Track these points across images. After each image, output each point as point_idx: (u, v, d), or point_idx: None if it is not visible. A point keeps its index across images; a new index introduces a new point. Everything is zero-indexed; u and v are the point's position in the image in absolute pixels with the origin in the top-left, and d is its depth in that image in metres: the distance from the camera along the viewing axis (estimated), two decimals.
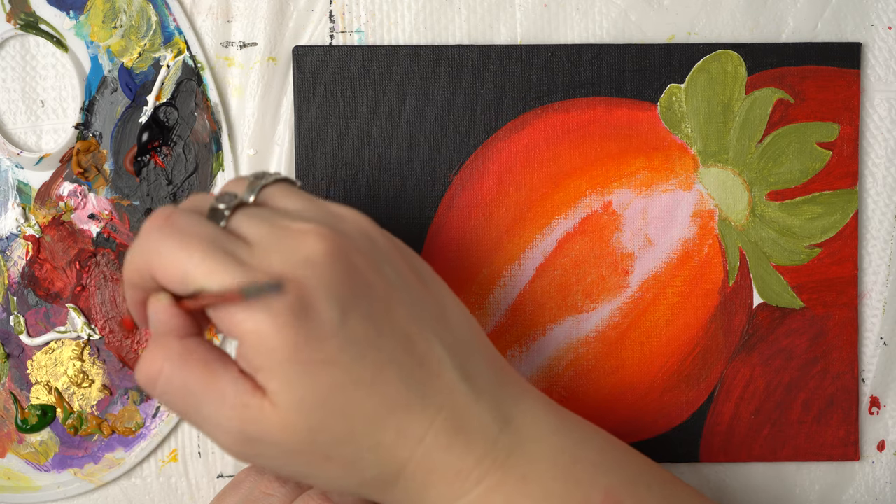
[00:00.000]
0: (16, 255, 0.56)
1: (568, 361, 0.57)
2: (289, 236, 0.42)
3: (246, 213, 0.43)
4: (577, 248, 0.56)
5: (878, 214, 0.58)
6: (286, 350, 0.41)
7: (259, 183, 0.44)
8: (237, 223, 0.43)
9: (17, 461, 0.57)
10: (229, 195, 0.44)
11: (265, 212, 0.43)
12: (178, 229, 0.42)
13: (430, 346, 0.44)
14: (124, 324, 0.56)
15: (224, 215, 0.43)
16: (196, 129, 0.56)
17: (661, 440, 0.57)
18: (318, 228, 0.42)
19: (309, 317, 0.41)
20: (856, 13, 0.57)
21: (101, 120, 0.56)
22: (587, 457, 0.45)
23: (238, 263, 0.41)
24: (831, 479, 0.58)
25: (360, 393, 0.42)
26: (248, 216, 0.43)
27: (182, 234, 0.41)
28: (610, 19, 0.57)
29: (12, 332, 0.56)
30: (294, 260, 0.41)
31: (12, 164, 0.56)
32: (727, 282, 0.57)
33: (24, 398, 0.56)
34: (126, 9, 0.56)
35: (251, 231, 0.42)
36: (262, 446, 0.42)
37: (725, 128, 0.56)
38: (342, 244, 0.42)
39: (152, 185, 0.56)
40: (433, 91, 0.56)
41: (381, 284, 0.43)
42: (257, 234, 0.42)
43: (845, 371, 0.57)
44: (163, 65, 0.56)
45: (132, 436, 0.57)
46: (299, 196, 0.45)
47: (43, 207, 0.56)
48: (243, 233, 0.42)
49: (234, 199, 0.43)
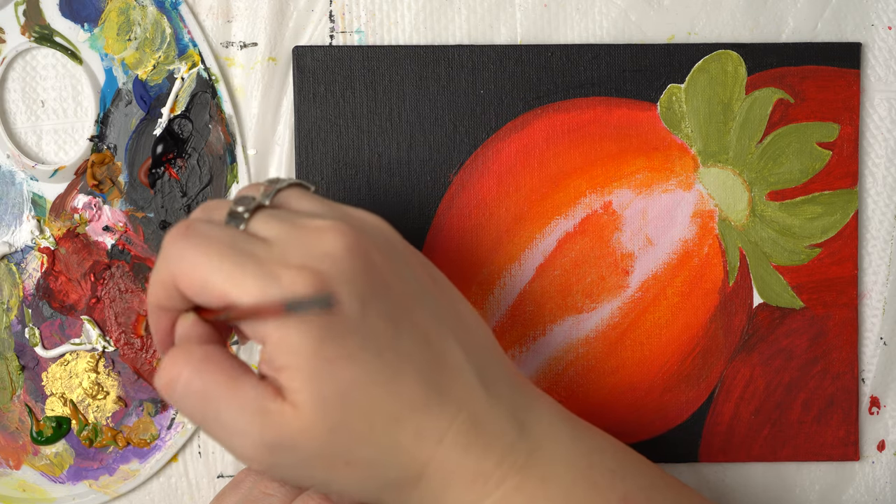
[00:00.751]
0: (31, 267, 0.56)
1: (568, 361, 0.57)
2: (308, 233, 0.42)
3: (264, 215, 0.43)
4: (577, 248, 0.57)
5: (878, 214, 0.57)
6: (311, 346, 0.41)
7: (274, 187, 0.45)
8: (256, 225, 0.43)
9: (32, 473, 0.57)
10: (247, 198, 0.44)
11: (283, 212, 0.44)
12: (197, 235, 0.42)
13: (449, 348, 0.44)
14: (136, 329, 0.56)
15: (243, 218, 0.43)
16: (210, 142, 0.56)
17: (661, 440, 0.57)
18: (337, 224, 0.42)
19: (331, 310, 0.41)
20: (856, 13, 0.57)
21: (116, 132, 0.56)
22: (603, 462, 0.45)
23: (257, 262, 0.41)
24: (831, 479, 0.58)
25: (379, 391, 0.42)
26: (266, 217, 0.43)
27: (202, 239, 0.42)
28: (610, 19, 0.57)
29: (27, 344, 0.56)
30: (314, 254, 0.41)
31: (27, 177, 0.56)
32: (727, 282, 0.57)
33: (40, 410, 0.57)
34: (140, 21, 0.56)
35: (270, 231, 0.42)
36: (282, 452, 0.42)
37: (725, 128, 0.56)
38: (361, 241, 0.42)
39: (167, 198, 0.56)
40: (433, 91, 0.56)
41: (398, 284, 0.43)
42: (276, 232, 0.42)
43: (845, 371, 0.57)
44: (177, 77, 0.56)
45: (147, 447, 0.57)
46: (315, 198, 0.45)
47: (58, 220, 0.56)
48: (262, 234, 0.43)
49: (252, 202, 0.43)
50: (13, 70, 0.56)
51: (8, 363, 0.56)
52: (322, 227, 0.42)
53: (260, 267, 0.41)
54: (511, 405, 0.45)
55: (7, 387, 0.56)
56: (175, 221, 0.56)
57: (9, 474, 0.56)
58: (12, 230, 0.56)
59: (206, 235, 0.42)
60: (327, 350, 0.41)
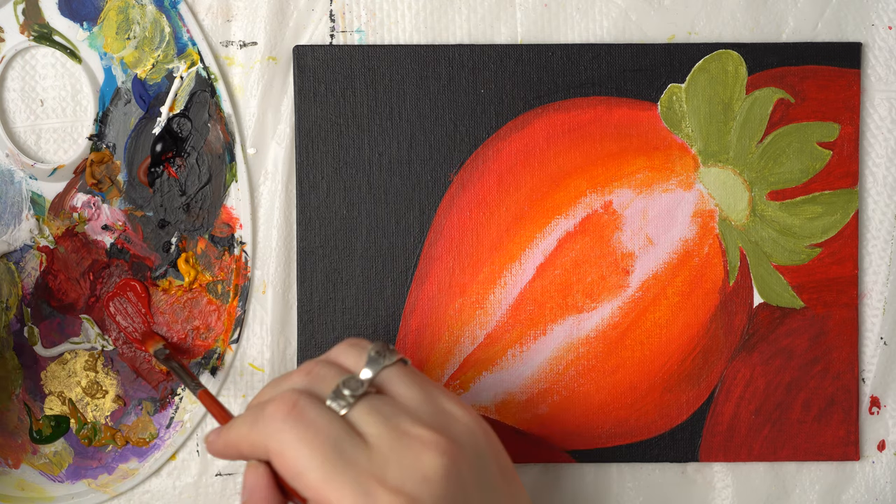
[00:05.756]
0: (30, 266, 0.56)
1: (568, 361, 0.57)
2: (409, 445, 0.43)
3: (367, 405, 0.45)
4: (577, 247, 0.56)
5: (878, 214, 0.58)
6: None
7: (380, 364, 0.46)
8: (358, 416, 0.44)
9: (31, 472, 0.56)
10: (355, 381, 0.45)
11: (385, 407, 0.45)
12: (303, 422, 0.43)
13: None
14: (136, 344, 0.56)
15: (349, 403, 0.44)
16: (209, 140, 0.56)
17: (661, 440, 0.57)
18: (438, 440, 0.44)
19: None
20: (856, 13, 0.57)
21: (115, 131, 0.56)
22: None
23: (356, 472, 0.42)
24: (831, 479, 0.58)
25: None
26: (369, 410, 0.44)
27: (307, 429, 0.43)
28: (610, 19, 0.57)
29: (26, 342, 0.56)
30: (412, 476, 0.43)
31: (26, 176, 0.56)
32: (727, 281, 0.57)
33: (38, 409, 0.56)
34: (139, 20, 0.56)
35: (371, 430, 0.44)
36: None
37: (726, 127, 0.56)
38: (457, 460, 0.44)
39: (166, 196, 0.56)
40: (433, 90, 0.56)
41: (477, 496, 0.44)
42: (377, 435, 0.44)
43: (845, 371, 0.57)
44: (176, 76, 0.56)
45: (146, 446, 0.57)
46: (414, 384, 0.46)
47: (56, 219, 0.56)
48: (363, 429, 0.44)
49: (359, 386, 0.45)
50: (12, 69, 0.56)
51: (7, 362, 0.56)
52: (423, 441, 0.44)
53: (358, 479, 0.42)
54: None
55: (6, 386, 0.56)
56: (174, 221, 0.56)
57: (8, 473, 0.56)
58: (11, 229, 0.56)
59: (311, 424, 0.43)
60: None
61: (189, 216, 0.56)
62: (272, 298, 0.57)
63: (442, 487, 0.43)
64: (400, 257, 0.56)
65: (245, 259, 0.56)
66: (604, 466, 0.58)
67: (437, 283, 0.56)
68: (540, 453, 0.57)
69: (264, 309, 0.57)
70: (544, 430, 0.57)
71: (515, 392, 0.57)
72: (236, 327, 0.57)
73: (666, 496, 0.58)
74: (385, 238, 0.56)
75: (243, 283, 0.56)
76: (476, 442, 0.46)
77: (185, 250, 0.56)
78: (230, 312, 0.56)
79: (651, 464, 0.57)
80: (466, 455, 0.45)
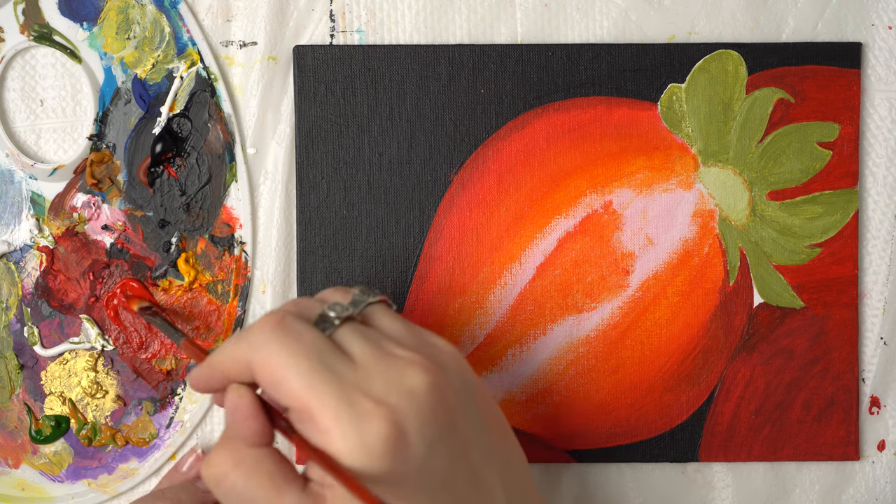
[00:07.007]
0: (30, 266, 0.56)
1: (568, 361, 0.57)
2: (393, 362, 0.43)
3: (352, 328, 0.44)
4: (577, 247, 0.56)
5: (878, 214, 0.58)
6: (368, 480, 0.41)
7: (365, 299, 0.46)
8: (343, 336, 0.44)
9: (31, 472, 0.56)
10: (340, 306, 0.45)
11: (371, 332, 0.45)
12: (289, 333, 0.43)
13: (493, 487, 0.45)
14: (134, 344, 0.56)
15: (333, 324, 0.44)
16: (209, 140, 0.56)
17: (661, 440, 0.57)
18: (423, 360, 0.43)
19: (398, 449, 0.41)
20: (856, 13, 0.57)
21: (115, 131, 0.56)
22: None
23: (339, 381, 0.42)
24: (831, 479, 0.58)
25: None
26: (354, 332, 0.44)
27: (292, 339, 0.42)
28: (610, 19, 0.57)
29: (26, 342, 0.56)
30: (397, 389, 0.42)
31: (26, 176, 0.56)
32: (727, 281, 0.57)
33: (38, 409, 0.56)
34: (139, 20, 0.56)
35: (357, 349, 0.44)
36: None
37: (726, 127, 0.56)
38: (442, 379, 0.43)
39: (166, 196, 0.56)
40: (434, 90, 0.56)
41: (464, 425, 0.44)
42: (363, 353, 0.43)
43: (845, 371, 0.57)
44: (176, 76, 0.56)
45: (146, 446, 0.57)
46: (399, 319, 0.46)
47: (56, 218, 0.56)
48: (349, 348, 0.44)
49: (343, 310, 0.45)
50: (12, 69, 0.56)
51: (7, 362, 0.56)
52: (408, 360, 0.43)
53: (342, 388, 0.42)
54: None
55: (6, 386, 0.56)
56: (174, 221, 0.56)
57: (8, 473, 0.56)
58: (11, 229, 0.56)
59: (297, 336, 0.43)
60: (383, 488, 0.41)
61: (189, 216, 0.56)
62: (272, 298, 0.57)
63: (426, 402, 0.42)
64: (400, 257, 0.56)
65: (245, 259, 0.56)
66: (604, 466, 0.58)
67: (436, 283, 0.56)
68: (540, 453, 0.57)
69: (264, 309, 0.57)
70: (544, 430, 0.57)
71: (515, 392, 0.57)
72: (236, 327, 0.57)
73: (666, 496, 0.58)
74: (385, 238, 0.56)
75: (243, 283, 0.56)
76: (462, 370, 0.46)
77: (185, 250, 0.56)
78: (230, 312, 0.56)
79: (651, 464, 0.57)
80: (451, 381, 0.44)
